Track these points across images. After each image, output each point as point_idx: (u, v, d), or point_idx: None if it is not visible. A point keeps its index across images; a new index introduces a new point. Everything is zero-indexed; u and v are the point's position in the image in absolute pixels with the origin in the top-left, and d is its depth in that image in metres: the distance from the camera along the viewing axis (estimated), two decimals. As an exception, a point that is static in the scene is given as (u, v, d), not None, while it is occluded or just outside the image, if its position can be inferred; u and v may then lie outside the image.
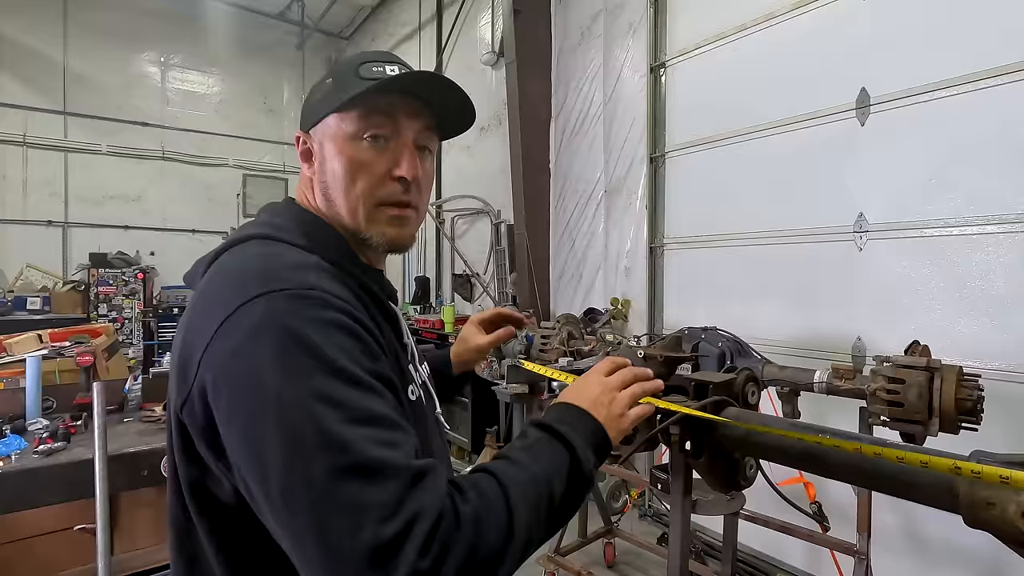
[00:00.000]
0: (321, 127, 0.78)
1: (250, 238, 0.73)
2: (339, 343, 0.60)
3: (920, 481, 0.74)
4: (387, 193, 0.76)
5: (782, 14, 3.02)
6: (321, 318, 0.60)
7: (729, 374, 1.13)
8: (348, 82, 0.75)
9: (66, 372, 2.58)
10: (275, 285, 0.62)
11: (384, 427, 0.58)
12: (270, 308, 0.60)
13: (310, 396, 0.55)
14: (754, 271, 3.19)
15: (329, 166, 0.77)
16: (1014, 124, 2.21)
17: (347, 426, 0.55)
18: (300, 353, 0.57)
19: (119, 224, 7.55)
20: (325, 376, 0.57)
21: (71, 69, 7.22)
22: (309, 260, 0.70)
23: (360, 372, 0.59)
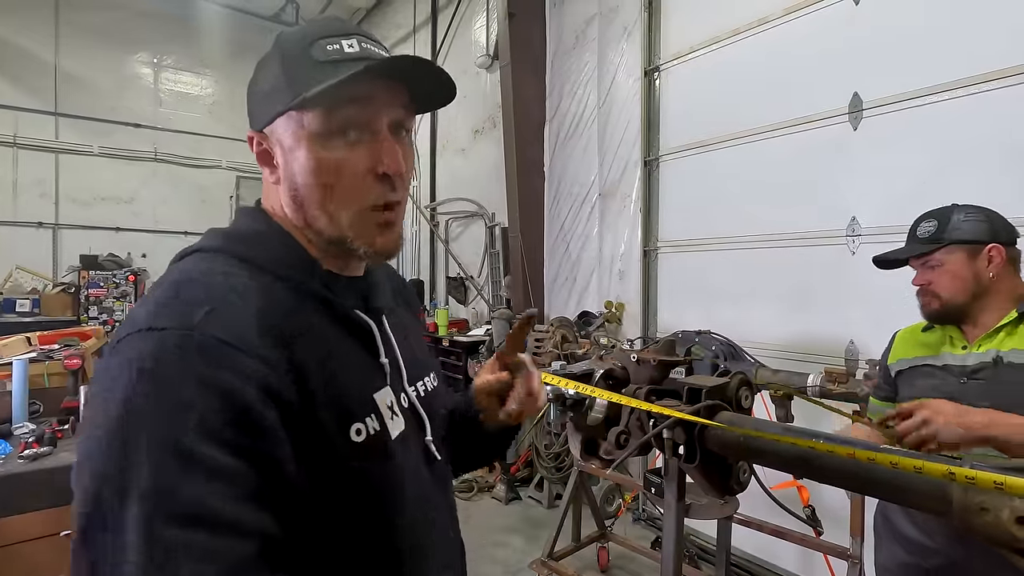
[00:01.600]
0: (278, 126, 0.66)
1: (196, 251, 0.67)
2: (195, 406, 0.51)
3: (914, 486, 0.73)
4: (372, 196, 0.67)
5: (775, 18, 3.03)
6: (185, 372, 0.52)
7: (722, 378, 1.13)
8: (302, 69, 0.64)
9: (55, 375, 2.55)
10: (159, 322, 0.55)
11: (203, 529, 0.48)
12: (139, 350, 0.53)
13: (130, 477, 0.48)
14: (747, 275, 3.19)
15: (298, 172, 0.66)
16: (1006, 128, 2.22)
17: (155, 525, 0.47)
18: (140, 418, 0.50)
19: (110, 226, 7.50)
20: (155, 451, 0.49)
21: (62, 69, 7.17)
22: (217, 282, 0.61)
23: (206, 447, 0.50)
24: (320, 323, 0.66)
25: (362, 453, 0.64)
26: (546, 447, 3.97)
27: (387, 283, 0.85)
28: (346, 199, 0.66)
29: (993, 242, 1.31)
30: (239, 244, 0.68)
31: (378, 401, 0.70)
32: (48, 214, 7.16)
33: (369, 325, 0.72)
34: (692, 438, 1.05)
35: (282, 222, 0.71)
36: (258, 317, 0.59)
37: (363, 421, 0.66)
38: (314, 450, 0.60)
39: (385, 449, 0.68)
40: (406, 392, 0.77)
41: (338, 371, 0.65)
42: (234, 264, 0.65)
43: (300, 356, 0.61)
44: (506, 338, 0.85)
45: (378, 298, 0.78)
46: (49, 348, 3.12)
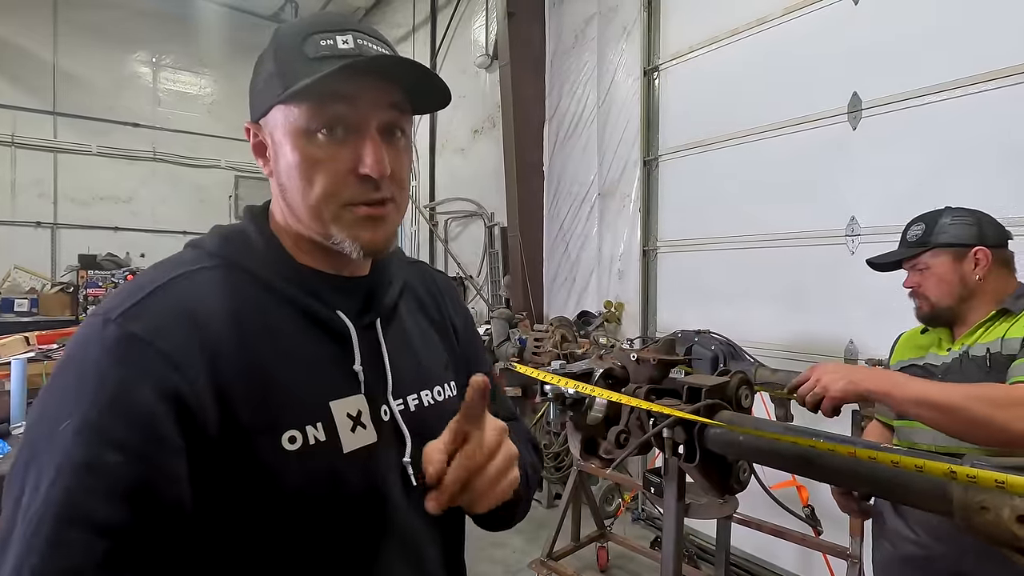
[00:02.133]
0: (270, 118, 0.66)
1: (189, 245, 0.70)
2: (79, 397, 0.54)
3: (915, 485, 0.73)
4: (353, 194, 0.65)
5: (774, 18, 3.03)
6: (92, 360, 0.56)
7: (722, 377, 1.13)
8: (292, 63, 0.63)
9: (53, 375, 2.54)
10: (101, 307, 0.60)
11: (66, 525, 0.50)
12: (79, 332, 0.59)
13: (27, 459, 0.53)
14: (747, 274, 3.19)
15: (283, 165, 0.66)
16: (1004, 128, 2.22)
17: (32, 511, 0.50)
18: (39, 405, 0.56)
19: (109, 225, 7.49)
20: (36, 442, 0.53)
21: (61, 69, 7.16)
22: (164, 277, 0.62)
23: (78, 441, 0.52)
24: (284, 323, 0.64)
25: (297, 462, 0.60)
26: (546, 446, 3.97)
27: (407, 285, 0.80)
28: (326, 195, 0.64)
29: (979, 245, 1.31)
30: (219, 241, 0.68)
31: (334, 409, 0.65)
32: (47, 214, 7.15)
33: (346, 328, 0.68)
34: (692, 437, 1.05)
35: (275, 221, 0.72)
36: (181, 311, 0.59)
37: (302, 428, 0.61)
38: (227, 456, 0.57)
39: (329, 460, 0.63)
40: (388, 404, 0.70)
41: (282, 374, 0.62)
42: (201, 258, 0.66)
43: (224, 353, 0.59)
44: None
45: (379, 301, 0.74)
46: (48, 348, 3.11)
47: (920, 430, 1.33)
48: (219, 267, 0.65)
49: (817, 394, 1.22)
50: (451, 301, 0.90)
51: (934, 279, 1.35)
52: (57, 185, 7.20)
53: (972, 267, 1.31)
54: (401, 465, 0.70)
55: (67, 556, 0.49)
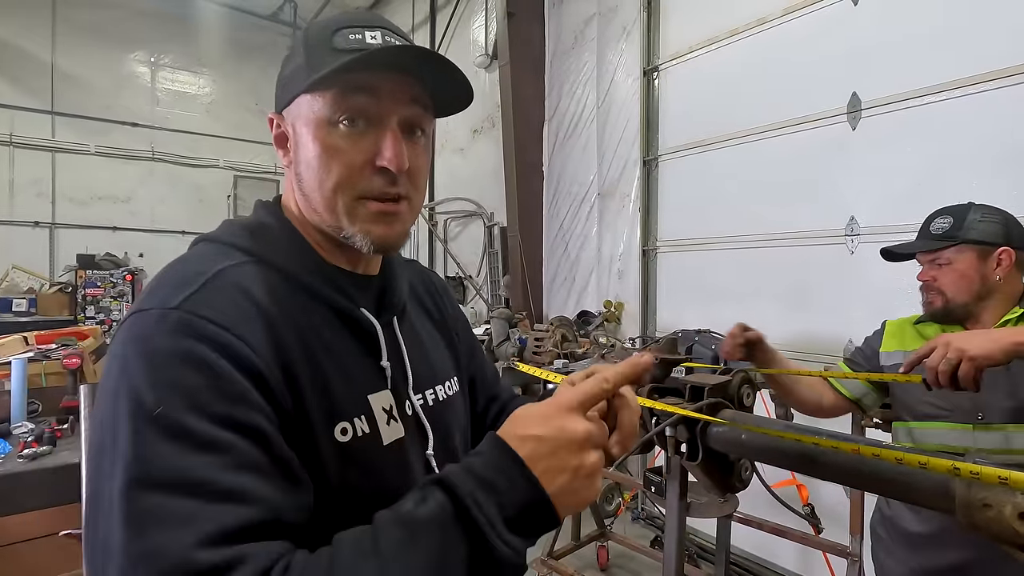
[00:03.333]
0: (293, 108, 0.67)
1: (204, 240, 0.69)
2: (181, 382, 0.52)
3: (917, 483, 0.73)
4: (369, 186, 0.65)
5: (774, 19, 3.04)
6: (165, 348, 0.53)
7: (724, 376, 1.13)
8: (321, 55, 0.64)
9: (52, 375, 2.54)
10: (148, 303, 0.57)
11: (186, 495, 0.48)
12: (128, 331, 0.56)
13: (119, 450, 0.50)
14: (747, 274, 3.20)
15: (303, 155, 0.66)
16: (1003, 128, 2.23)
17: (137, 492, 0.48)
18: (129, 395, 0.52)
19: (107, 225, 7.48)
20: (143, 426, 0.50)
21: (59, 68, 7.14)
22: (207, 268, 0.61)
23: (194, 421, 0.50)
24: (316, 318, 0.65)
25: (346, 454, 0.62)
26: (545, 446, 3.97)
27: (409, 284, 0.82)
28: (341, 187, 0.65)
29: (1006, 245, 1.30)
30: (243, 236, 0.68)
31: (372, 403, 0.67)
32: (45, 213, 7.13)
33: (373, 325, 0.70)
34: (695, 436, 1.05)
35: (292, 216, 0.71)
36: (244, 299, 0.59)
37: (351, 421, 0.64)
38: (298, 438, 0.58)
39: (373, 453, 0.65)
40: (411, 399, 0.73)
41: (329, 367, 0.63)
42: (231, 254, 0.65)
43: (286, 343, 0.60)
44: None
45: (391, 299, 0.76)
46: (47, 348, 3.11)
47: (932, 430, 1.33)
48: (249, 263, 0.65)
49: (951, 360, 1.08)
50: (448, 299, 0.93)
51: (954, 275, 1.32)
52: (55, 185, 7.18)
53: (994, 267, 1.30)
54: (425, 458, 0.72)
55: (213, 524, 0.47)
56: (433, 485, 0.52)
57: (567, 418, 0.54)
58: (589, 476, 0.54)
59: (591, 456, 0.54)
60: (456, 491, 0.50)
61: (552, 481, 0.52)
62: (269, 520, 0.50)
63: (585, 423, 0.55)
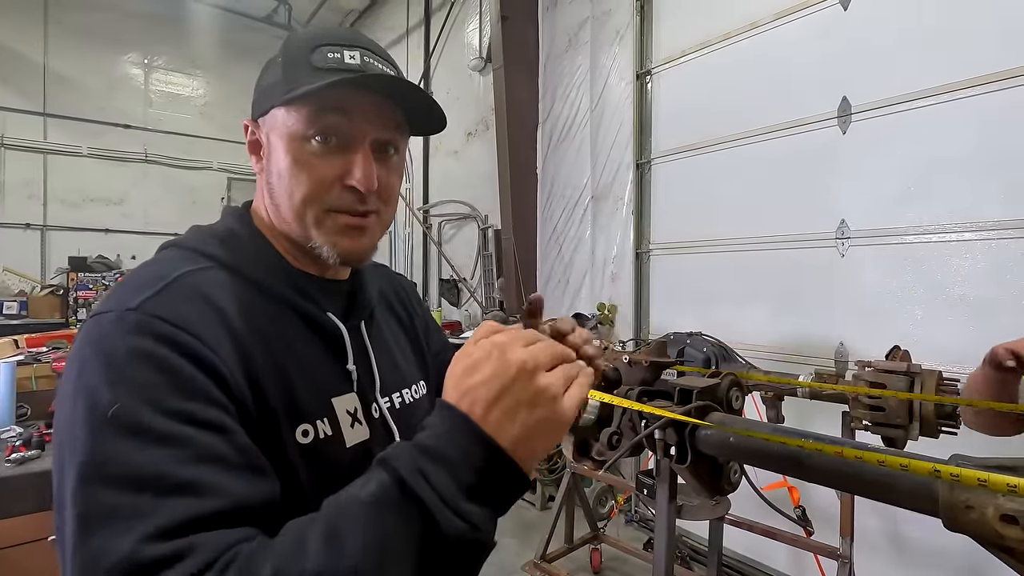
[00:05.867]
0: (268, 119, 0.69)
1: (172, 245, 0.70)
2: (137, 379, 0.52)
3: (901, 485, 0.74)
4: (338, 201, 0.67)
5: (766, 23, 3.06)
6: (122, 348, 0.53)
7: (713, 379, 1.13)
8: (298, 71, 0.65)
9: (43, 378, 2.52)
10: (106, 306, 0.58)
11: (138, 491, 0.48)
12: (87, 331, 0.57)
13: (75, 447, 0.50)
14: (739, 277, 3.21)
15: (275, 165, 0.68)
16: (990, 133, 2.26)
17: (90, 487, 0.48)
18: (86, 394, 0.52)
19: (100, 227, 7.43)
20: (99, 423, 0.50)
21: (51, 70, 7.11)
22: (167, 272, 0.61)
23: (151, 416, 0.50)
24: (282, 323, 0.66)
25: (308, 455, 0.62)
26: (539, 449, 3.97)
27: (377, 289, 0.83)
28: (309, 200, 0.66)
29: None
30: (210, 242, 0.69)
31: (336, 406, 0.67)
32: (36, 215, 7.08)
33: (338, 329, 0.71)
34: (683, 439, 1.05)
35: (261, 222, 0.73)
36: (203, 301, 0.60)
37: (313, 423, 0.64)
38: (263, 438, 0.58)
39: (335, 455, 0.65)
40: (377, 402, 0.74)
41: (292, 370, 0.64)
42: (195, 259, 0.65)
43: (248, 347, 0.60)
44: None
45: (359, 303, 0.77)
46: (37, 351, 3.08)
47: None
48: (213, 268, 0.65)
49: None
50: (416, 303, 0.96)
51: None
52: (47, 186, 7.13)
53: None
54: None
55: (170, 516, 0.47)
56: (377, 465, 0.50)
57: (505, 349, 0.50)
58: (549, 402, 0.49)
59: (544, 379, 0.49)
60: (396, 468, 0.47)
61: (509, 429, 0.48)
62: (229, 509, 0.49)
63: (526, 349, 0.50)
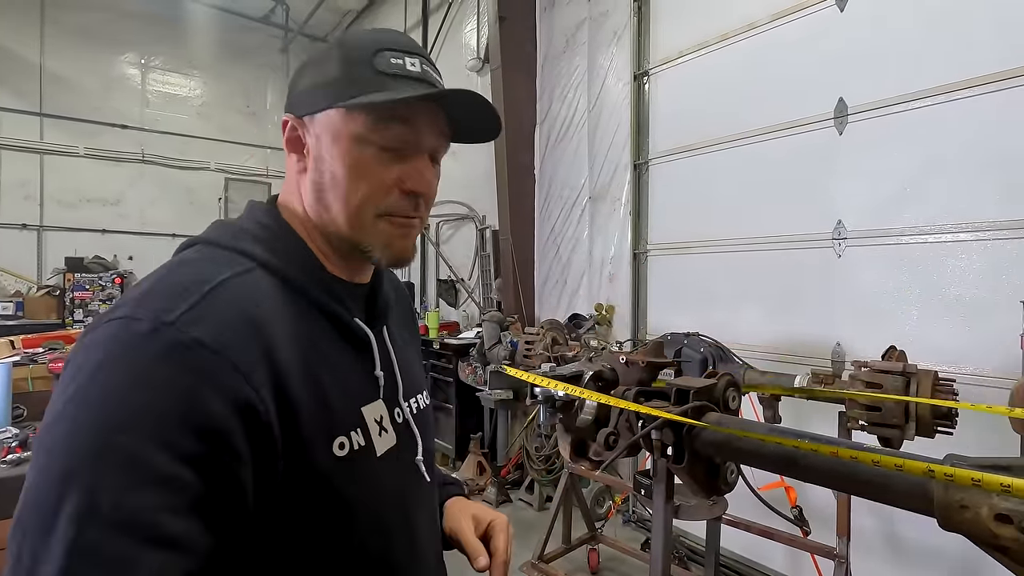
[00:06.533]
0: (322, 119, 0.66)
1: (198, 242, 0.66)
2: (150, 405, 0.49)
3: (896, 484, 0.74)
4: (393, 205, 0.67)
5: (762, 24, 3.07)
6: (149, 368, 0.51)
7: (710, 379, 1.14)
8: (361, 74, 0.64)
9: (39, 379, 2.51)
10: (137, 312, 0.53)
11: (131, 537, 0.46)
12: (109, 337, 0.52)
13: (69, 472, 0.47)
14: (736, 277, 3.22)
15: (328, 166, 0.66)
16: (986, 134, 2.27)
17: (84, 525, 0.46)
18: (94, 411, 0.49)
19: (96, 228, 7.40)
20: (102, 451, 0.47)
21: (48, 70, 7.08)
22: (208, 278, 0.59)
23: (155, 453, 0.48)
24: (314, 328, 0.65)
25: (344, 468, 0.62)
26: (537, 449, 3.98)
27: (391, 293, 0.83)
28: (367, 203, 0.66)
29: None
30: (244, 240, 0.66)
31: (366, 415, 0.67)
32: (33, 216, 7.05)
33: (367, 335, 0.71)
34: (680, 439, 1.06)
35: (293, 220, 0.70)
36: (243, 317, 0.57)
37: (347, 435, 0.64)
38: (288, 465, 0.57)
39: (368, 465, 0.66)
40: (401, 407, 0.74)
41: (326, 379, 0.63)
42: (235, 260, 0.63)
43: (284, 361, 0.58)
44: None
45: (381, 308, 0.77)
46: (33, 351, 3.07)
47: None
48: (254, 270, 0.63)
49: None
50: (412, 309, 0.97)
51: None
52: (43, 187, 7.10)
53: None
54: (415, 464, 0.75)
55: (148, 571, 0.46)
56: None
57: None
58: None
59: None
60: None
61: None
62: (195, 571, 0.49)
63: None
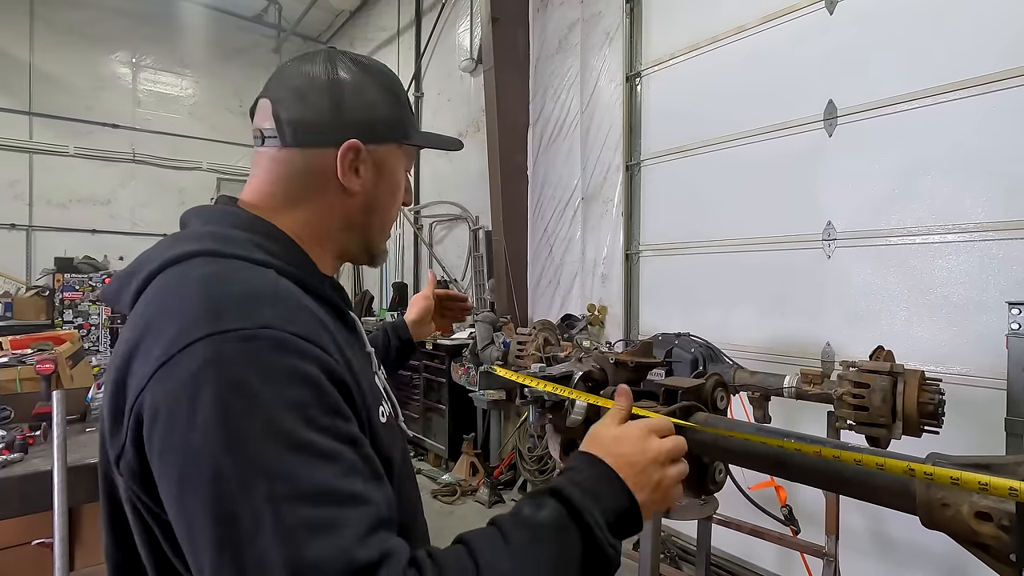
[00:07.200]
0: (385, 150, 0.79)
1: (195, 255, 0.63)
2: (290, 398, 0.53)
3: (879, 483, 0.75)
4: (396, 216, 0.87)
5: (753, 27, 3.09)
6: (271, 367, 0.54)
7: (698, 379, 1.14)
8: (409, 113, 0.82)
9: (27, 380, 2.49)
10: (221, 325, 0.54)
11: (329, 504, 0.51)
12: (214, 355, 0.53)
13: (245, 466, 0.50)
14: (727, 278, 3.24)
15: (384, 190, 0.80)
16: (971, 137, 2.29)
17: (283, 506, 0.49)
18: (240, 416, 0.51)
19: (86, 228, 7.35)
20: (265, 441, 0.51)
21: (37, 69, 7.02)
22: (265, 283, 0.62)
23: (310, 435, 0.53)
24: (332, 321, 0.71)
25: (387, 432, 0.71)
26: (529, 450, 3.98)
27: None
28: (395, 217, 0.86)
29: None
30: (244, 246, 0.67)
31: (380, 387, 0.78)
32: (22, 216, 6.99)
33: (355, 320, 0.81)
34: (668, 439, 1.06)
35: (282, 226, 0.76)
36: (308, 312, 0.63)
37: (381, 404, 0.74)
38: (368, 430, 0.65)
39: (396, 429, 0.78)
40: (382, 380, 0.84)
41: (356, 363, 0.69)
42: (254, 268, 0.65)
43: (341, 346, 0.65)
44: None
45: (344, 294, 0.86)
46: (21, 353, 3.04)
47: None
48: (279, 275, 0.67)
49: None
50: None
51: None
52: (33, 186, 7.05)
53: None
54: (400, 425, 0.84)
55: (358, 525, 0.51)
56: (545, 495, 0.63)
57: (649, 439, 0.72)
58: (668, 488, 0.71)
59: (669, 471, 0.71)
60: (571, 499, 0.62)
61: (639, 494, 0.66)
62: (385, 516, 0.55)
63: (662, 442, 0.73)
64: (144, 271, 0.64)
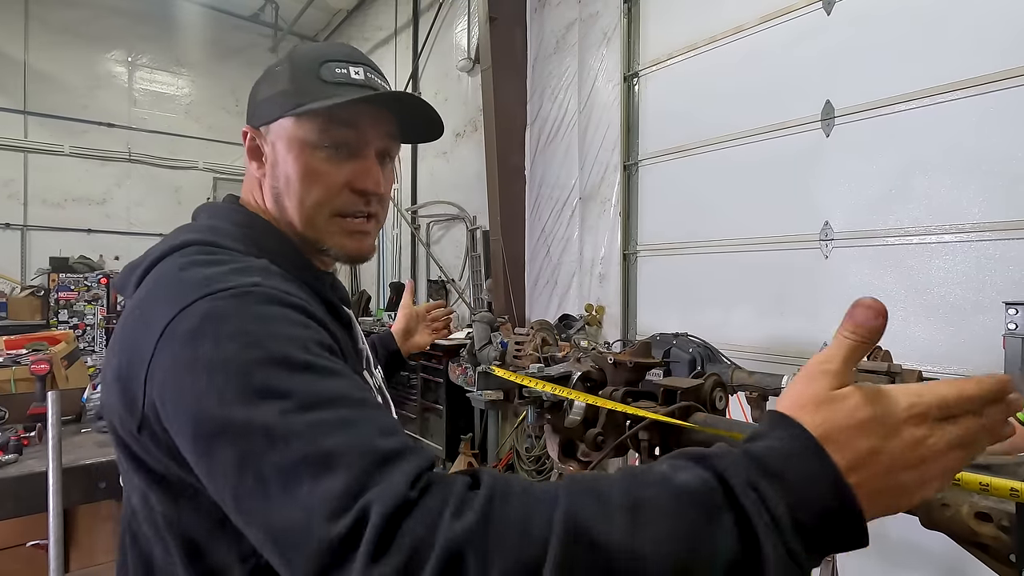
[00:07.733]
0: (275, 128, 0.74)
1: (189, 244, 0.67)
2: (286, 334, 0.55)
3: (878, 484, 0.75)
4: (345, 205, 0.74)
5: (751, 27, 3.09)
6: (265, 312, 0.56)
7: (696, 380, 1.14)
8: (309, 83, 0.71)
9: (22, 381, 2.47)
10: (215, 287, 0.57)
11: (340, 407, 0.51)
12: (210, 308, 0.55)
13: (254, 392, 0.50)
14: (725, 278, 3.24)
15: (282, 171, 0.73)
16: (968, 137, 2.30)
17: (295, 415, 0.49)
18: (241, 348, 0.52)
19: (82, 227, 7.32)
20: (269, 367, 0.52)
21: (32, 67, 6.99)
22: (254, 264, 0.65)
23: (310, 358, 0.54)
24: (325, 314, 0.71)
25: None
26: (527, 450, 3.98)
27: None
28: (320, 204, 0.73)
29: None
30: (238, 239, 0.70)
31: (373, 385, 0.78)
32: (16, 215, 6.96)
33: (350, 315, 0.80)
34: (667, 439, 1.06)
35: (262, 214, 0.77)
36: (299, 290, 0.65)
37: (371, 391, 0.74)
38: None
39: None
40: (374, 375, 0.84)
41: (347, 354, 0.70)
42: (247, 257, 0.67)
43: (335, 333, 0.65)
44: None
45: (342, 291, 0.86)
46: (16, 353, 3.02)
47: None
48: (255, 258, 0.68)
49: None
50: None
51: None
52: (27, 186, 7.01)
53: None
54: None
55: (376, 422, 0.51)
56: (691, 460, 0.43)
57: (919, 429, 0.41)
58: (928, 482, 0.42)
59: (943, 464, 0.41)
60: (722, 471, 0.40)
61: (874, 500, 0.41)
62: (400, 428, 0.54)
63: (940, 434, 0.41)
64: (148, 259, 0.67)
